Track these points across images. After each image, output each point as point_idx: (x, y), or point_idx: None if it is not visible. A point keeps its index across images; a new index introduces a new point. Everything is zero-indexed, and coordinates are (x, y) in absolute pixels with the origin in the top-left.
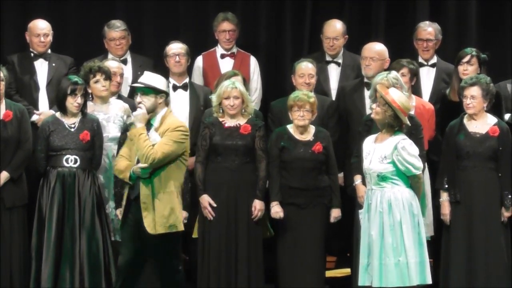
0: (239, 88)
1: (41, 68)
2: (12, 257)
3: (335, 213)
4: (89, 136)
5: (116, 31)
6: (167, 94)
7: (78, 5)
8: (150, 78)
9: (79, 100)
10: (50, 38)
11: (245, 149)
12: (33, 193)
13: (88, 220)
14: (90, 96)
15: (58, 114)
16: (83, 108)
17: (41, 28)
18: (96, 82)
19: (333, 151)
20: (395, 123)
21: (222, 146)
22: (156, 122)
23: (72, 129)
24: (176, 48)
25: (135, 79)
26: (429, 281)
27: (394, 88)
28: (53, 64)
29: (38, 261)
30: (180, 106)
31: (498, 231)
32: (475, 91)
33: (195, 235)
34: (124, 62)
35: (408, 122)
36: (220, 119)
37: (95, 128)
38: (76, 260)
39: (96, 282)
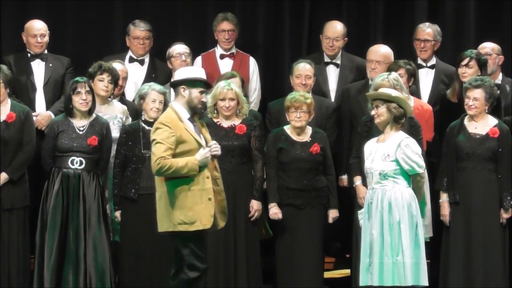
0: (234, 89)
1: (38, 69)
2: (10, 258)
3: (333, 214)
4: (96, 141)
5: (141, 30)
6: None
7: (76, 6)
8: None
9: (83, 96)
10: (46, 38)
11: (241, 150)
12: (35, 194)
13: (94, 222)
14: None
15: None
16: (92, 107)
17: (37, 29)
18: (101, 80)
19: (330, 152)
20: (401, 113)
21: None
22: None
23: (81, 132)
24: (181, 48)
25: (147, 82)
26: (424, 282)
27: (383, 88)
28: (50, 65)
29: (41, 262)
30: None
31: (497, 232)
32: (478, 93)
33: None
34: (141, 62)
35: (411, 109)
36: (215, 120)
37: (103, 132)
38: (80, 262)
39: (103, 283)
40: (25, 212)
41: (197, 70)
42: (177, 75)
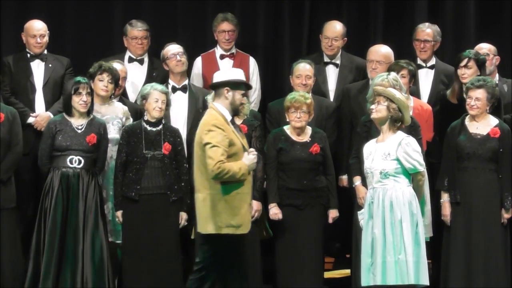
0: None
1: (38, 69)
2: (2, 259)
3: (333, 214)
4: (95, 139)
5: (139, 30)
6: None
7: (76, 6)
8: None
9: (84, 98)
10: (46, 39)
11: None
12: (35, 194)
13: (92, 222)
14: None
15: (66, 114)
16: (90, 108)
17: (37, 29)
18: (100, 80)
19: (330, 152)
20: (398, 117)
21: None
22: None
23: (79, 131)
24: (174, 48)
25: (148, 81)
26: (424, 282)
27: (390, 88)
28: (50, 65)
29: (36, 262)
30: (179, 108)
31: (498, 233)
32: (480, 93)
33: (193, 236)
34: (141, 62)
35: (409, 119)
36: None
37: (101, 132)
38: (78, 262)
39: (100, 283)
40: (13, 213)
41: (238, 72)
42: (219, 77)
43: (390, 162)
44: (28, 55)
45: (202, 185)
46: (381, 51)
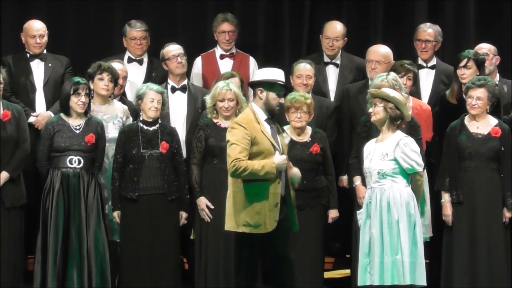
0: (233, 90)
1: (38, 69)
2: (2, 255)
3: (333, 214)
4: (94, 138)
5: (137, 30)
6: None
7: (76, 6)
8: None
9: (83, 99)
10: (45, 39)
11: None
12: (35, 194)
13: (94, 221)
14: (92, 93)
15: (63, 115)
16: (87, 109)
17: (36, 29)
18: (101, 79)
19: (330, 152)
20: (397, 115)
21: (217, 147)
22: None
23: (77, 131)
24: (175, 49)
25: (147, 82)
26: (421, 282)
27: (384, 88)
28: (50, 65)
29: (43, 263)
30: (178, 108)
31: (500, 232)
32: (481, 93)
33: (193, 236)
34: (140, 62)
35: (409, 114)
36: (215, 120)
37: (99, 131)
38: (84, 261)
39: (104, 282)
40: (22, 210)
41: (275, 72)
42: (256, 76)
43: (387, 162)
44: (28, 55)
45: (230, 182)
46: (380, 51)
